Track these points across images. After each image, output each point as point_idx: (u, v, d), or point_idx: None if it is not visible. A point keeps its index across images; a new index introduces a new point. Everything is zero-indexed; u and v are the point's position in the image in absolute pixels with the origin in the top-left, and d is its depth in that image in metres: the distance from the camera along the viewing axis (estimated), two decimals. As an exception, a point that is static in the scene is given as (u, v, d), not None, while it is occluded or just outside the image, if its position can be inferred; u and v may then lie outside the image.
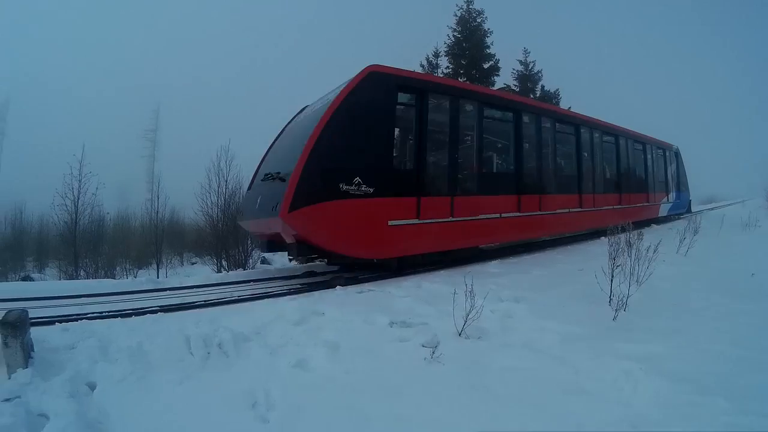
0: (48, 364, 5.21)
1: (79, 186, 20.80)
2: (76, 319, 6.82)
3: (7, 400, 4.58)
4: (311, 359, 5.34)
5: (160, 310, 7.74)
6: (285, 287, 9.59)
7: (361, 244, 9.91)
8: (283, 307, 7.39)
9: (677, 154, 28.26)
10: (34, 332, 5.52)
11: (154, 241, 22.63)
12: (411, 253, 10.88)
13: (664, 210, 25.39)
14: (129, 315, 7.31)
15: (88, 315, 7.23)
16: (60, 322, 6.65)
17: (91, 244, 21.61)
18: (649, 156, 23.52)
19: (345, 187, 9.34)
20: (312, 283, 9.58)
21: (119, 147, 49.12)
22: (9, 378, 4.93)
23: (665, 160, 26.26)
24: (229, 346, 5.65)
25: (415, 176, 10.75)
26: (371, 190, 9.64)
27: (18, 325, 5.10)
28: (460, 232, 11.60)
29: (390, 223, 10.05)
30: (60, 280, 19.29)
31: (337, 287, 8.94)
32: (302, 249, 9.70)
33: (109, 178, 22.84)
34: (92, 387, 4.85)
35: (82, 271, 20.30)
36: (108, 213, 24.89)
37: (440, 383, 4.72)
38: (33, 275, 23.71)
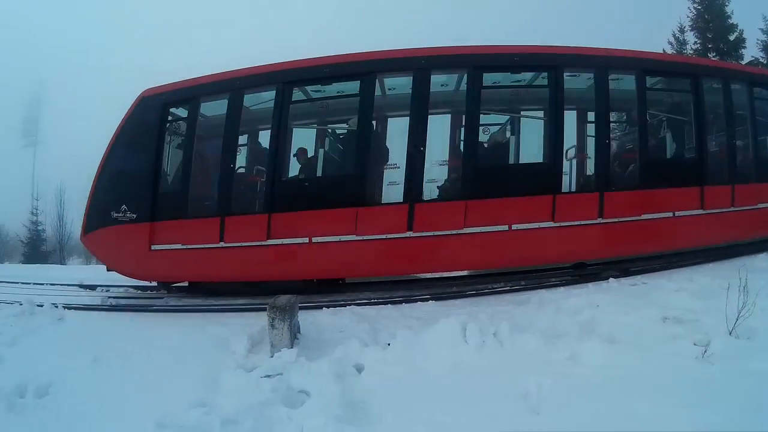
0: (315, 345, 5.52)
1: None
2: (345, 305, 7.00)
3: (268, 376, 4.88)
4: (584, 352, 5.01)
5: (431, 298, 7.65)
6: (558, 279, 9.26)
7: (128, 265, 9.76)
8: (558, 299, 7.22)
9: None
10: (302, 315, 5.82)
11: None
12: (182, 280, 10.14)
13: None
14: (399, 302, 7.32)
15: (357, 300, 7.39)
16: (328, 306, 6.89)
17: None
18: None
19: (115, 215, 9.39)
20: (584, 275, 9.24)
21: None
22: (272, 356, 5.30)
23: None
24: (504, 335, 5.40)
25: (183, 196, 9.42)
26: (134, 216, 9.37)
27: (287, 309, 5.44)
28: (237, 262, 9.04)
29: (153, 247, 9.27)
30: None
31: (610, 279, 8.49)
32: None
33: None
34: (359, 369, 4.93)
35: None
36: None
37: (709, 385, 4.30)
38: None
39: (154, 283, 10.53)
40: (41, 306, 8.63)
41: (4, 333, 7.48)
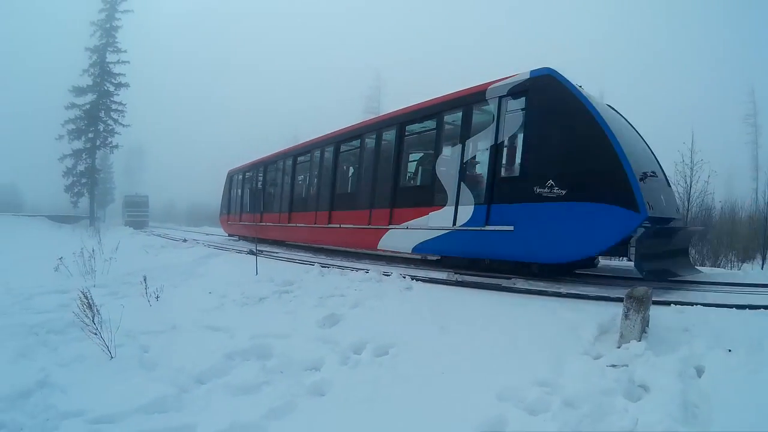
0: (660, 341, 5.55)
1: (691, 174, 21.03)
2: (691, 304, 6.91)
3: (614, 366, 5.18)
4: None
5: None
6: None
7: (225, 229, 32.29)
8: None
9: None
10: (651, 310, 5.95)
11: (761, 233, 20.54)
12: (235, 235, 30.19)
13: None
14: (743, 307, 6.82)
15: (704, 301, 7.17)
16: (675, 304, 6.94)
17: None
18: None
19: (222, 211, 32.20)
20: None
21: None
22: (619, 347, 5.56)
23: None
24: None
25: (232, 207, 30.33)
26: (225, 212, 31.81)
27: (643, 301, 5.63)
28: (244, 229, 27.14)
29: (228, 222, 30.77)
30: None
31: None
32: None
33: (717, 165, 21.63)
34: (700, 371, 4.86)
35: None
36: (720, 202, 23.56)
37: None
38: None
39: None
40: (388, 275, 9.81)
41: (347, 296, 8.92)
